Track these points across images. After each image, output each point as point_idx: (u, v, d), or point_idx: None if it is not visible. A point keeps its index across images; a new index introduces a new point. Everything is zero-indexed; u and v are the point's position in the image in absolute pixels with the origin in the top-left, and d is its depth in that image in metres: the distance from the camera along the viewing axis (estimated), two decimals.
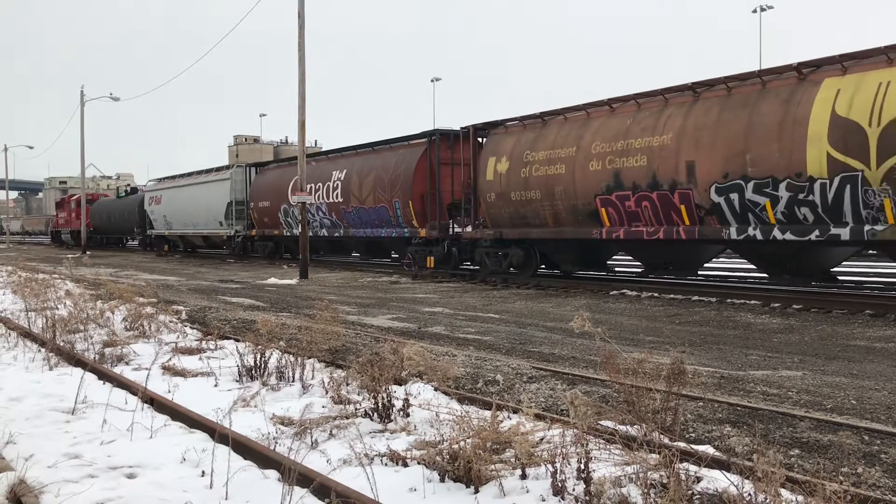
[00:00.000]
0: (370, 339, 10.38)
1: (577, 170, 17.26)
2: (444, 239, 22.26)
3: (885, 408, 6.47)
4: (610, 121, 16.94)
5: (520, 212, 19.00)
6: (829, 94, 12.86)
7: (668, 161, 15.25)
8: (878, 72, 12.37)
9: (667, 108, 15.80)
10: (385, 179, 24.12)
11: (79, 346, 9.87)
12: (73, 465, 5.23)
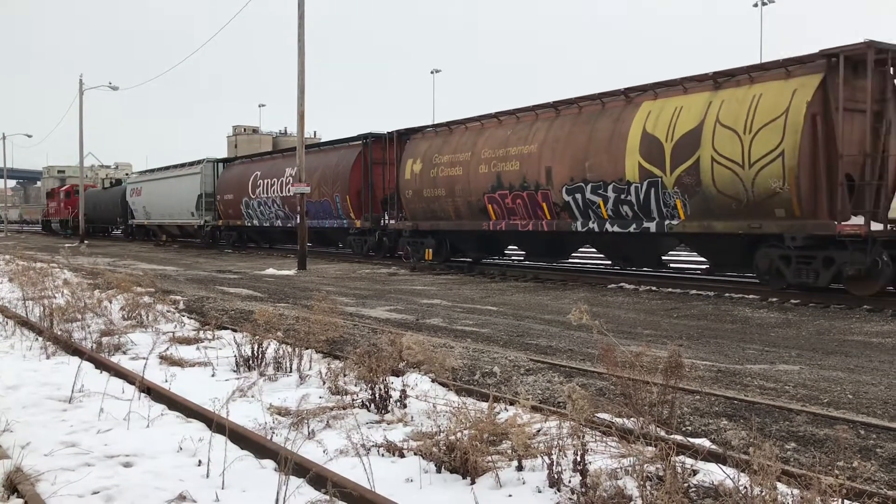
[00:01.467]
0: (368, 330, 10.38)
1: (471, 172, 20.42)
2: (375, 230, 25.59)
3: (881, 402, 6.48)
4: (496, 131, 20.18)
5: (430, 207, 22.09)
6: (643, 115, 15.98)
7: (534, 166, 18.39)
8: (676, 98, 15.56)
9: (537, 122, 18.89)
10: (328, 176, 27.10)
11: (76, 334, 9.87)
12: (69, 453, 5.24)
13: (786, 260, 13.88)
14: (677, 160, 15.03)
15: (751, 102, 14.08)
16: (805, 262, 13.61)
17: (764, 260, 14.35)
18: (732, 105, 14.39)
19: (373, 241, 25.89)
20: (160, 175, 42.29)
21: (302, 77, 22.82)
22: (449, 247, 22.73)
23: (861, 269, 12.76)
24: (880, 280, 12.83)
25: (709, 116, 14.67)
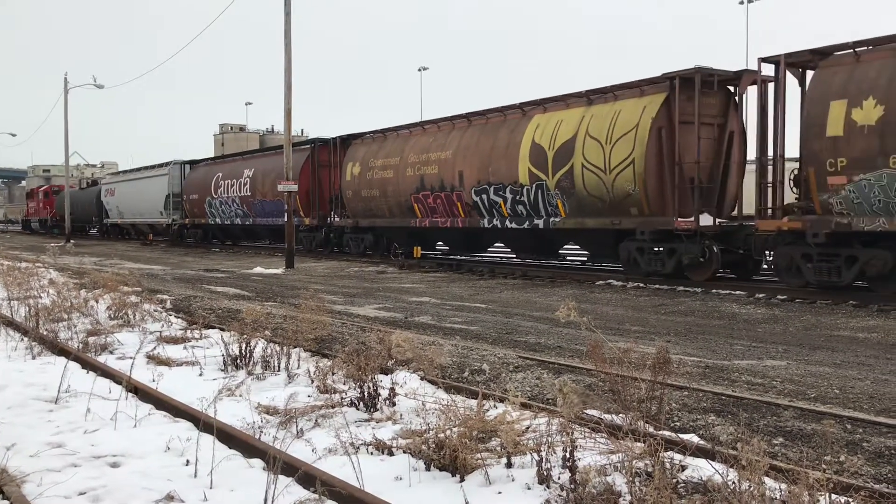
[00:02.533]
0: (356, 328, 10.36)
1: (400, 174, 22.95)
2: (323, 226, 28.03)
3: (867, 397, 6.52)
4: (421, 138, 22.79)
5: (368, 206, 24.68)
6: (533, 127, 18.45)
7: (449, 170, 20.96)
8: (559, 112, 18.08)
9: (453, 131, 21.52)
10: (282, 177, 28.41)
11: (62, 334, 9.80)
12: (56, 454, 5.20)
13: (640, 251, 16.39)
14: (557, 166, 17.54)
15: (612, 117, 16.56)
16: (654, 252, 16.16)
17: (624, 251, 16.80)
18: (599, 119, 16.86)
19: (320, 238, 28.35)
20: (132, 176, 44.58)
21: (288, 74, 22.75)
22: (386, 242, 25.39)
23: (694, 257, 15.28)
24: (712, 267, 15.34)
25: (581, 129, 17.16)
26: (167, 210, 38.57)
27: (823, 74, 13.24)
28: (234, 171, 33.19)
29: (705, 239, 15.10)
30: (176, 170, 38.64)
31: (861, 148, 12.43)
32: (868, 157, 12.32)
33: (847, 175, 12.58)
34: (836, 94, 12.87)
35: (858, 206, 12.51)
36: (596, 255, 19.08)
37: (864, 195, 12.41)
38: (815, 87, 13.34)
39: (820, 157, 12.94)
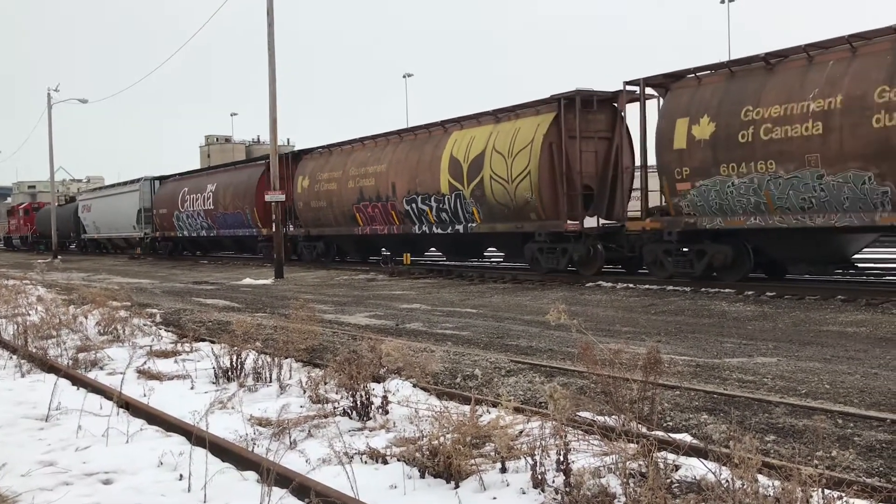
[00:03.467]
0: (347, 337, 10.34)
1: (342, 187, 25.27)
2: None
3: (857, 391, 6.56)
4: (360, 153, 25.10)
5: (317, 216, 26.89)
6: (452, 142, 20.78)
7: (384, 182, 23.22)
8: (473, 129, 20.43)
9: (388, 146, 23.82)
10: (240, 191, 31.47)
11: (51, 351, 9.73)
12: (47, 472, 5.16)
13: (541, 251, 18.62)
14: (471, 177, 19.83)
15: (514, 133, 18.73)
16: (551, 251, 18.42)
17: (528, 251, 19.06)
18: (503, 135, 19.07)
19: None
20: (106, 192, 47.10)
21: (273, 85, 22.73)
22: (336, 249, 27.78)
23: (582, 255, 17.59)
24: (597, 263, 17.58)
25: (489, 144, 19.41)
26: (139, 224, 40.58)
27: (673, 95, 15.45)
28: (198, 185, 35.19)
29: (590, 239, 17.48)
30: (146, 185, 40.71)
31: (699, 158, 14.61)
32: (705, 167, 14.51)
33: (691, 182, 14.76)
34: (681, 113, 15.02)
35: (701, 208, 14.72)
36: (509, 255, 21.79)
37: (704, 198, 14.59)
38: (666, 107, 15.57)
39: (670, 166, 15.16)
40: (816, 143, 12.87)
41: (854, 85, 12.54)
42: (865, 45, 12.79)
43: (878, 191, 12.25)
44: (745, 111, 13.91)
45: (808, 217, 13.19)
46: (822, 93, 12.88)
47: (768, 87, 13.82)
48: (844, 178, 12.58)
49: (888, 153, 12.06)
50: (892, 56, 12.25)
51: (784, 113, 13.35)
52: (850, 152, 12.52)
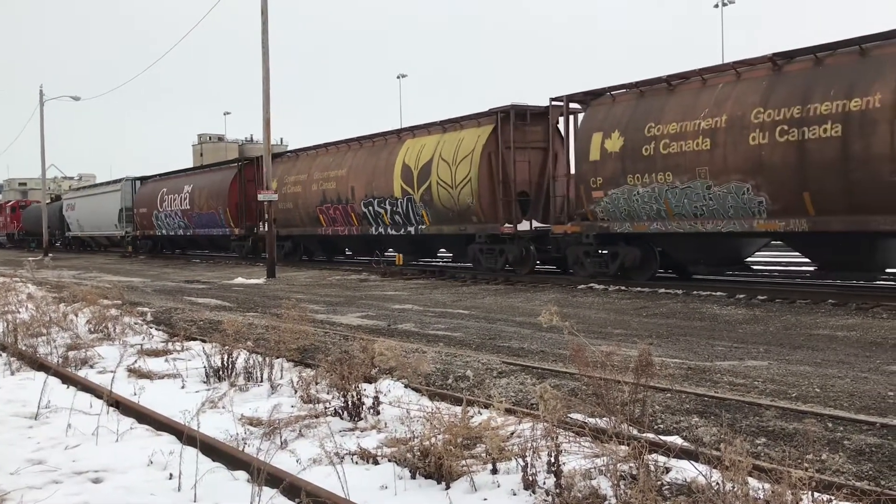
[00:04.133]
0: (339, 337, 10.33)
1: (307, 190, 26.79)
2: (249, 236, 31.07)
3: (847, 395, 6.59)
4: (324, 158, 26.62)
5: (286, 217, 27.90)
6: (404, 150, 22.32)
7: (344, 186, 24.76)
8: (423, 138, 21.96)
9: (348, 152, 25.42)
10: (213, 192, 32.84)
11: (41, 349, 9.69)
12: (36, 470, 5.14)
13: (481, 251, 20.15)
14: (420, 183, 21.28)
15: (458, 143, 20.29)
16: (490, 252, 19.91)
17: (471, 252, 20.54)
18: (449, 144, 20.59)
19: (248, 246, 31.46)
20: (89, 192, 48.65)
21: (267, 84, 22.68)
22: (303, 248, 29.44)
23: (516, 255, 19.06)
24: (530, 263, 19.17)
25: (436, 152, 20.83)
26: (121, 223, 42.07)
27: (591, 111, 17.03)
28: (176, 186, 36.47)
29: (523, 241, 18.96)
30: (128, 186, 42.14)
31: (611, 169, 16.04)
32: (615, 177, 15.93)
33: (604, 190, 16.20)
34: (596, 128, 16.47)
35: (613, 214, 16.20)
36: (456, 256, 23.27)
37: (615, 205, 16.03)
38: (584, 122, 17.17)
39: (586, 176, 16.64)
40: (705, 158, 14.27)
41: (736, 106, 13.90)
42: (747, 71, 14.14)
43: (755, 200, 13.61)
44: (649, 127, 15.34)
45: (700, 223, 14.65)
46: (710, 112, 14.30)
47: (668, 106, 15.24)
48: (728, 188, 13.96)
49: (762, 167, 13.42)
50: (767, 82, 13.64)
51: (680, 130, 14.77)
52: (732, 166, 13.89)
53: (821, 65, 13.07)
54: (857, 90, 12.23)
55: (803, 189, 12.91)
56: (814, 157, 12.71)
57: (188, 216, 34.82)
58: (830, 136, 12.47)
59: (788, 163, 13.05)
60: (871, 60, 12.35)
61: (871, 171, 12.06)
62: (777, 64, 13.67)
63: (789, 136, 12.98)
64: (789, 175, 13.05)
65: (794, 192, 13.05)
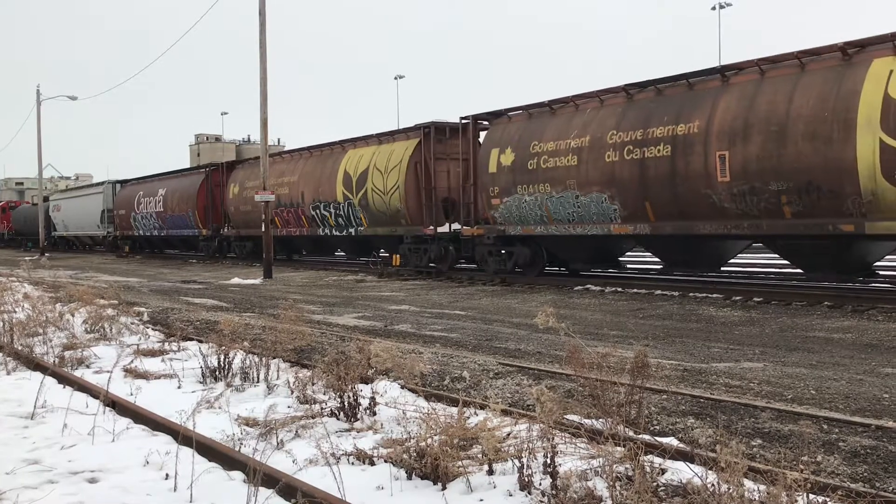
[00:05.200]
0: (336, 338, 10.32)
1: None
2: (216, 236, 33.57)
3: (843, 397, 6.60)
4: (279, 165, 29.01)
5: (245, 219, 30.58)
6: (346, 160, 24.85)
7: (296, 191, 27.06)
8: (362, 148, 24.52)
9: (300, 161, 27.93)
10: (184, 196, 35.33)
11: (38, 349, 9.68)
12: (32, 470, 5.13)
13: (409, 250, 22.36)
14: (358, 189, 23.74)
15: (389, 154, 22.74)
16: (416, 251, 22.11)
17: (401, 251, 22.74)
18: (382, 155, 23.04)
19: (214, 246, 33.98)
20: (74, 194, 52.04)
21: (264, 84, 22.68)
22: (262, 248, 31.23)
23: (437, 254, 21.27)
24: (448, 261, 21.19)
25: (372, 162, 23.32)
26: (103, 224, 44.54)
27: (492, 129, 19.59)
28: (151, 189, 38.85)
29: (443, 241, 21.12)
30: (109, 188, 44.75)
31: (505, 181, 18.40)
32: (509, 187, 18.28)
33: (500, 198, 18.59)
34: (495, 144, 18.92)
35: (508, 218, 18.56)
36: (391, 254, 24.89)
37: (509, 211, 18.40)
38: (486, 138, 19.69)
39: (487, 185, 18.99)
40: (574, 172, 16.65)
41: (597, 129, 16.29)
42: (609, 98, 16.54)
43: (612, 208, 15.96)
44: (533, 145, 17.71)
45: (572, 227, 17.06)
46: (578, 133, 16.68)
47: (548, 127, 17.64)
48: (591, 198, 16.31)
49: (615, 181, 15.76)
50: (621, 108, 16.01)
51: (556, 148, 17.13)
52: (593, 179, 16.26)
53: (661, 95, 15.46)
54: (682, 117, 14.56)
55: (645, 199, 15.29)
56: (651, 172, 15.04)
57: (162, 218, 37.24)
58: (663, 156, 14.81)
59: (634, 177, 15.40)
60: (695, 93, 14.72)
61: (691, 184, 14.36)
62: (630, 93, 16.11)
63: (634, 155, 15.39)
64: (634, 187, 15.39)
65: (639, 202, 15.42)
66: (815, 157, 12.49)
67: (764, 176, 13.18)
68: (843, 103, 12.18)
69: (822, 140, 12.39)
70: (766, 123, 13.16)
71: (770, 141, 13.07)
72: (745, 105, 13.58)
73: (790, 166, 12.82)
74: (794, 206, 12.98)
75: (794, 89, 12.98)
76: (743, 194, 13.56)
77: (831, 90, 12.44)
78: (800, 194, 12.80)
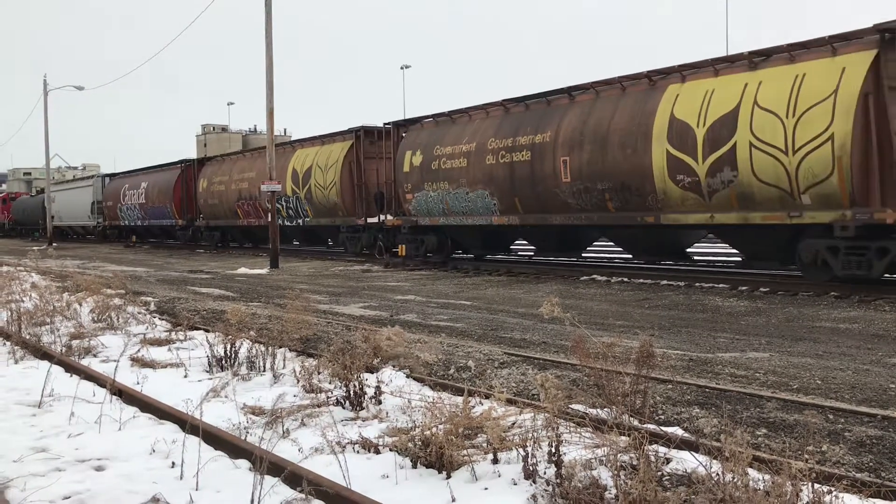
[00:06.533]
0: (342, 327, 10.34)
1: (229, 188, 32.83)
2: (189, 226, 37.24)
3: (849, 387, 6.59)
4: (241, 163, 32.79)
5: (213, 211, 34.50)
6: (294, 157, 28.10)
7: (255, 185, 29.39)
8: (308, 148, 27.95)
9: (258, 158, 31.06)
10: (162, 188, 38.98)
11: (45, 338, 9.73)
12: (39, 458, 5.16)
13: (347, 239, 26.05)
14: (304, 184, 27.01)
15: (328, 154, 26.15)
16: (351, 239, 25.91)
17: (340, 239, 26.50)
18: (322, 155, 26.43)
19: (188, 234, 37.69)
20: (67, 186, 56.13)
21: (270, 74, 22.67)
22: (230, 237, 35.56)
23: (368, 241, 24.85)
24: (376, 246, 24.38)
25: (315, 161, 26.58)
26: (93, 214, 48.24)
27: (408, 135, 22.62)
28: (135, 183, 42.44)
29: (372, 231, 24.39)
30: (98, 182, 48.67)
31: (415, 179, 21.39)
32: (418, 184, 21.28)
33: (412, 194, 21.60)
34: (409, 147, 21.95)
35: (419, 211, 21.59)
36: (334, 243, 28.30)
37: (420, 204, 21.39)
38: (403, 142, 22.57)
39: (402, 182, 22.05)
40: (465, 172, 19.69)
41: (481, 136, 19.37)
42: (493, 110, 19.58)
43: (492, 203, 19.04)
44: (437, 149, 20.70)
45: (466, 218, 20.11)
46: (468, 140, 19.75)
47: (448, 133, 20.71)
48: (478, 194, 19.36)
49: (493, 180, 18.83)
50: (499, 120, 19.13)
51: (452, 151, 20.15)
52: (478, 178, 19.30)
53: (528, 109, 18.52)
54: (540, 128, 17.62)
55: (515, 196, 18.38)
56: (518, 173, 18.13)
57: (144, 209, 40.95)
58: (525, 160, 17.86)
59: (506, 177, 18.47)
60: (551, 108, 17.83)
61: (545, 184, 17.39)
62: (507, 107, 19.19)
63: (506, 159, 18.42)
64: (507, 186, 18.49)
65: (510, 198, 18.52)
66: (626, 162, 15.46)
67: (593, 178, 16.23)
68: (645, 120, 15.13)
69: (631, 149, 15.38)
70: (594, 135, 16.19)
71: (597, 149, 16.10)
72: (582, 119, 16.64)
73: (610, 170, 15.84)
74: (615, 202, 16.06)
75: (616, 108, 16.03)
76: (580, 192, 16.61)
77: (639, 109, 15.41)
78: (618, 192, 15.82)
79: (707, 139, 13.99)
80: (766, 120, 13.10)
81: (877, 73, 12.12)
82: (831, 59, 12.62)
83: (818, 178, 12.52)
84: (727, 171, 13.71)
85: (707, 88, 14.29)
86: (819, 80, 12.58)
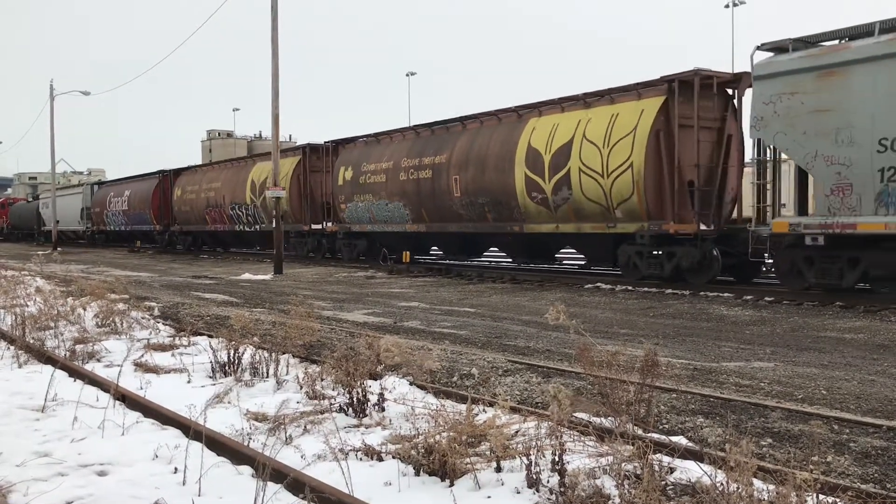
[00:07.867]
0: (345, 334, 10.34)
1: (198, 196, 36.04)
2: (166, 231, 40.24)
3: (854, 397, 6.56)
4: (210, 173, 36.23)
5: (186, 217, 37.67)
6: (253, 170, 31.48)
7: (220, 194, 33.83)
8: (263, 163, 30.56)
9: (224, 170, 34.92)
10: (142, 196, 42.17)
11: (49, 343, 9.73)
12: (42, 463, 5.16)
13: (297, 243, 29.40)
14: (260, 194, 30.06)
15: (281, 167, 26.10)
16: (299, 243, 29.24)
17: (292, 242, 29.28)
18: (264, 172, 29.42)
19: (164, 239, 40.55)
20: (60, 193, 57.76)
21: (276, 80, 22.70)
22: (200, 241, 38.64)
23: (313, 246, 28.56)
24: (322, 250, 28.07)
25: (269, 174, 26.58)
26: (83, 220, 51.37)
27: (343, 152, 26.21)
28: (120, 191, 45.65)
29: (317, 235, 27.91)
30: (88, 189, 52.18)
31: (348, 191, 24.99)
32: (349, 196, 24.92)
33: (346, 204, 25.23)
34: (343, 163, 25.63)
35: (351, 219, 25.30)
36: (288, 246, 29.91)
37: (352, 213, 25.10)
38: (338, 159, 26.19)
39: (338, 194, 25.59)
40: (383, 186, 23.22)
41: (397, 156, 22.93)
42: (408, 133, 23.44)
43: (406, 212, 22.59)
44: (363, 165, 24.35)
45: (387, 226, 23.66)
46: (387, 159, 23.38)
47: (373, 153, 24.38)
48: (395, 205, 22.90)
49: (406, 194, 22.31)
50: (411, 142, 22.75)
51: (375, 168, 23.76)
52: (394, 192, 22.80)
53: (433, 134, 22.12)
54: (439, 151, 21.15)
55: (422, 207, 21.86)
56: (423, 189, 21.61)
57: (127, 215, 44.13)
58: (428, 177, 21.38)
59: (415, 192, 21.95)
60: (449, 134, 21.39)
61: (443, 198, 20.87)
62: (418, 132, 22.84)
63: (413, 176, 21.93)
64: (416, 199, 21.97)
65: (418, 209, 22.04)
66: (499, 181, 18.88)
67: (477, 193, 19.64)
68: (511, 147, 18.59)
69: (502, 171, 18.81)
70: (477, 158, 19.64)
71: (479, 170, 19.53)
72: (469, 144, 20.13)
73: (488, 187, 19.24)
74: (492, 214, 19.52)
75: (492, 135, 19.53)
76: (467, 205, 20.10)
77: (508, 137, 18.89)
78: (494, 206, 19.27)
79: (552, 164, 17.44)
80: (590, 150, 16.66)
81: (667, 114, 15.67)
82: (637, 102, 16.21)
83: (624, 197, 16.12)
84: (565, 189, 17.25)
85: (554, 122, 17.78)
86: (627, 117, 16.11)
